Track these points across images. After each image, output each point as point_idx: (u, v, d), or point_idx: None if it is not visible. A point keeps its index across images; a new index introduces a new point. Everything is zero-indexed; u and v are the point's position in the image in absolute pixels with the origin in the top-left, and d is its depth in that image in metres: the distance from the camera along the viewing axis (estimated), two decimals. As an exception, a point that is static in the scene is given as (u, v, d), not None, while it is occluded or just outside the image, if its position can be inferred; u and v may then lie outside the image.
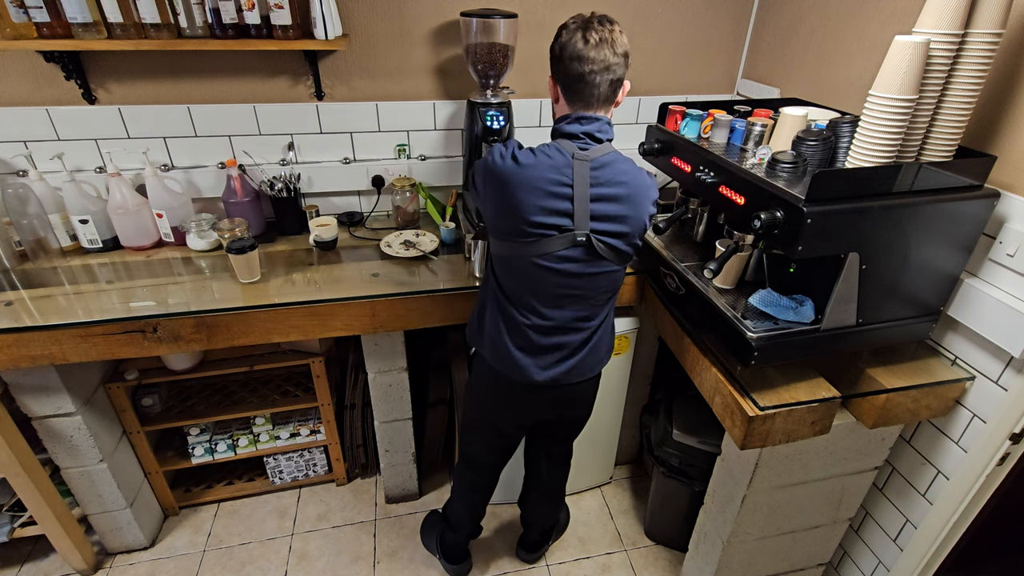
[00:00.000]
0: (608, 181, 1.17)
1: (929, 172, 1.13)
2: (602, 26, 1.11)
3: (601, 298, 1.31)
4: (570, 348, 1.34)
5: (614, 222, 1.19)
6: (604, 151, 1.17)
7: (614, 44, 1.10)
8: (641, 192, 1.20)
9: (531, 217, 1.16)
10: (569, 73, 1.13)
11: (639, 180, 1.20)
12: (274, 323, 1.52)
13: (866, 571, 1.69)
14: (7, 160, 1.73)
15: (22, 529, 1.77)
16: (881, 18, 1.52)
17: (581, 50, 1.11)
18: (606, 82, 1.13)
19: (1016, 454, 1.28)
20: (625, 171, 1.19)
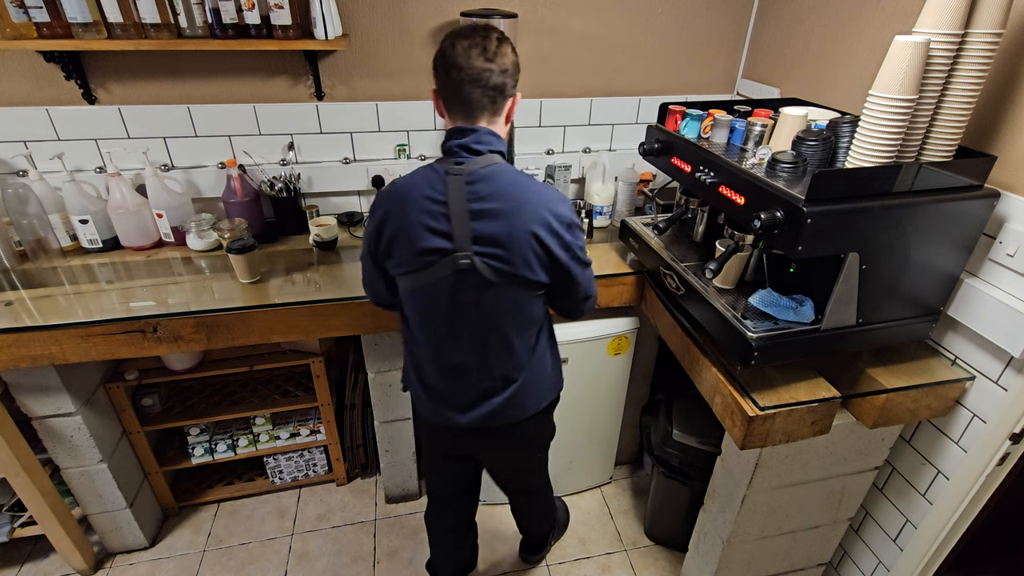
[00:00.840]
0: (487, 195, 1.06)
1: (929, 172, 1.13)
2: (475, 34, 1.04)
3: (517, 331, 1.20)
4: (490, 388, 1.24)
5: (494, 244, 1.07)
6: (484, 163, 1.07)
7: (487, 52, 1.03)
8: (525, 208, 1.06)
9: (415, 239, 1.09)
10: (445, 83, 1.07)
11: (525, 194, 1.07)
12: (274, 323, 1.52)
13: (866, 571, 1.69)
14: (7, 160, 1.73)
15: (22, 529, 1.77)
16: (881, 18, 1.52)
17: (453, 58, 1.04)
18: (480, 91, 1.05)
19: (1016, 454, 1.28)
20: (508, 183, 1.07)
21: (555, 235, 1.09)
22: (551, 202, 1.09)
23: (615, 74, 2.04)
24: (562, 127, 2.08)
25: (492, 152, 1.09)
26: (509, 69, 1.06)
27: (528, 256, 1.09)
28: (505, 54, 1.05)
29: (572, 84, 2.02)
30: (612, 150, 2.16)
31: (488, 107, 1.08)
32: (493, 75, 1.04)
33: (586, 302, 1.26)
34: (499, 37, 1.05)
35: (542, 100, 2.01)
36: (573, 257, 1.14)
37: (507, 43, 1.06)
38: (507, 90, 1.08)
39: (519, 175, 1.10)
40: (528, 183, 1.09)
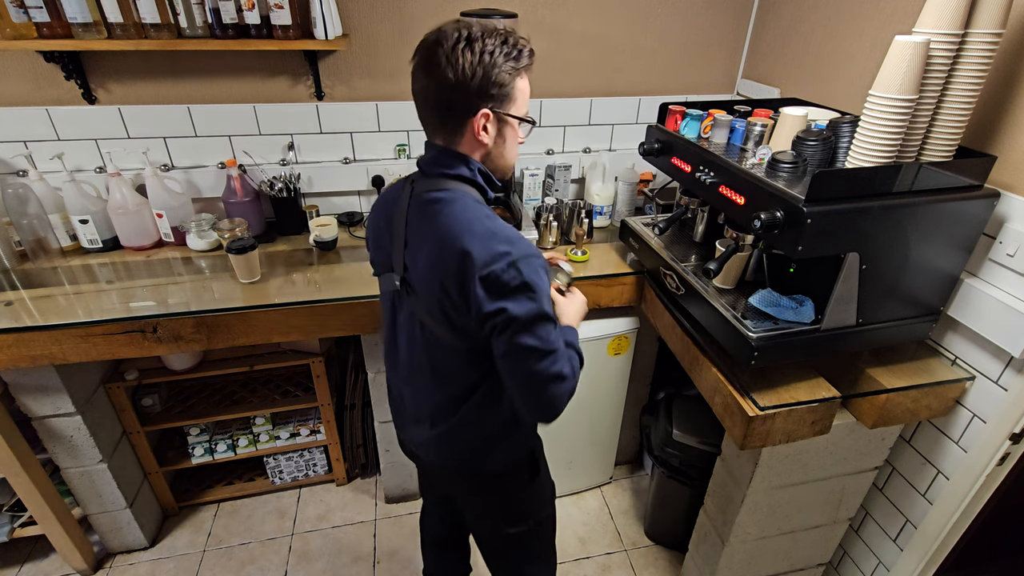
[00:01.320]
0: (416, 227, 0.98)
1: (929, 172, 1.13)
2: (433, 37, 0.90)
3: (439, 376, 1.06)
4: (418, 417, 1.15)
5: (414, 280, 0.99)
6: (428, 188, 0.97)
7: (432, 61, 0.88)
8: (443, 253, 0.91)
9: (374, 245, 1.10)
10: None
11: (450, 237, 0.90)
12: (274, 323, 1.52)
13: (866, 571, 1.69)
14: (7, 160, 1.73)
15: (22, 529, 1.77)
16: (881, 18, 1.52)
17: (414, 67, 0.94)
18: (423, 107, 0.95)
19: (1016, 454, 1.28)
20: (439, 219, 0.93)
21: (469, 295, 0.89)
22: (479, 251, 0.88)
23: (615, 74, 2.04)
24: (562, 127, 2.08)
25: (445, 176, 0.97)
26: (463, 82, 0.88)
27: (435, 310, 0.96)
28: (458, 64, 0.87)
29: (572, 84, 2.02)
30: (612, 150, 2.16)
31: (438, 126, 0.95)
32: (433, 90, 0.90)
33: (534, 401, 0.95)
34: (462, 39, 0.88)
35: (542, 100, 2.01)
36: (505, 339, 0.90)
37: (472, 48, 0.87)
38: (462, 107, 0.91)
39: (459, 211, 0.93)
40: (460, 224, 0.91)
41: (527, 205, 2.02)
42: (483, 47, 0.87)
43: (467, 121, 0.92)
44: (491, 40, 0.88)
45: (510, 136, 0.98)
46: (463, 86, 0.88)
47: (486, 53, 0.88)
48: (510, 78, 0.91)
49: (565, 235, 1.88)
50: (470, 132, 0.93)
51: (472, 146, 0.96)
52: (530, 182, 2.01)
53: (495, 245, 0.89)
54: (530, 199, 2.03)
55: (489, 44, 0.88)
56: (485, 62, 0.88)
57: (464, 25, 0.90)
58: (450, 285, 0.91)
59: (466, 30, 0.88)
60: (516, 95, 0.94)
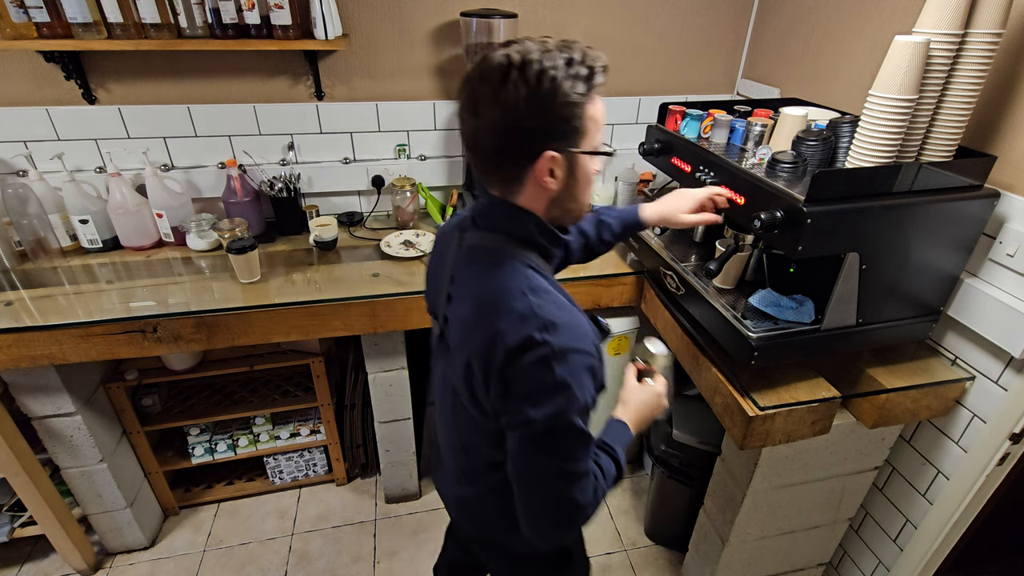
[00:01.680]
0: (458, 287, 0.86)
1: (929, 172, 1.13)
2: (478, 71, 0.73)
3: (466, 444, 0.94)
4: (443, 469, 1.06)
5: (452, 344, 0.87)
6: (479, 241, 0.85)
7: (478, 101, 0.73)
8: (475, 329, 0.79)
9: (427, 280, 1.00)
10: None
11: (484, 315, 0.78)
12: (274, 323, 1.52)
13: (866, 571, 1.69)
14: (7, 160, 1.73)
15: (22, 529, 1.77)
16: (881, 18, 1.52)
17: (459, 107, 0.78)
18: (472, 155, 0.79)
19: (1016, 454, 1.28)
20: (477, 285, 0.81)
21: (490, 380, 0.77)
22: (511, 334, 0.74)
23: (615, 74, 2.04)
24: (562, 127, 2.08)
25: (492, 232, 0.83)
26: (517, 122, 0.72)
27: (461, 381, 0.84)
28: (509, 99, 0.70)
29: (572, 84, 2.01)
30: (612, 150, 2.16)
31: (491, 174, 0.80)
32: (483, 135, 0.75)
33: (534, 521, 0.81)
34: (513, 67, 0.70)
35: (542, 100, 2.00)
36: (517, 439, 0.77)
37: (526, 77, 0.70)
38: (519, 152, 0.75)
39: (500, 279, 0.79)
40: (497, 296, 0.78)
41: (527, 205, 2.02)
42: (540, 73, 0.70)
43: (527, 168, 0.76)
44: (550, 62, 0.70)
45: (583, 174, 0.79)
46: (517, 127, 0.72)
47: (545, 80, 0.70)
48: (579, 107, 0.73)
49: (565, 235, 1.88)
50: (532, 180, 0.77)
51: (535, 195, 0.80)
52: (530, 182, 2.00)
53: (531, 330, 0.73)
54: (530, 199, 2.03)
55: (548, 68, 0.70)
56: (544, 92, 0.70)
57: (516, 49, 0.71)
58: (476, 363, 0.78)
59: (517, 54, 0.70)
60: (588, 125, 0.75)
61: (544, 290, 0.78)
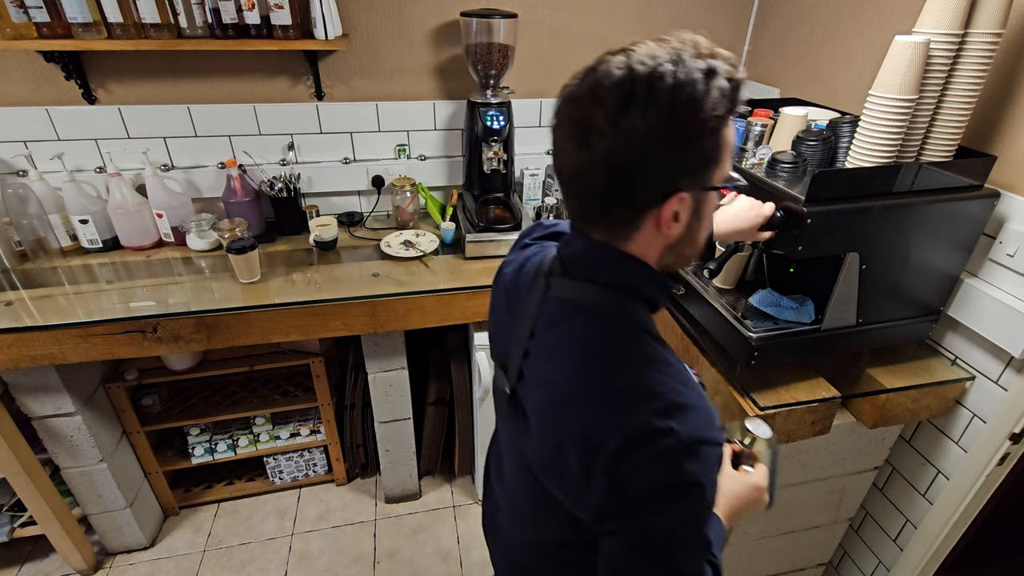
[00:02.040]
0: (547, 343, 0.69)
1: (929, 172, 1.13)
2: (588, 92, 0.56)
3: (533, 521, 0.80)
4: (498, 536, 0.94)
5: (528, 408, 0.71)
6: (571, 292, 0.68)
7: (586, 129, 0.56)
8: (569, 415, 0.63)
9: (491, 326, 0.85)
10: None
11: (585, 393, 0.62)
12: (274, 323, 1.52)
13: (866, 571, 1.69)
14: (7, 160, 1.73)
15: (22, 529, 1.77)
16: (881, 18, 1.52)
17: (553, 135, 0.62)
18: (575, 195, 0.63)
19: (1016, 454, 1.28)
20: (578, 359, 0.64)
21: (591, 477, 0.61)
22: (623, 420, 0.59)
23: (615, 74, 2.04)
24: (562, 127, 2.08)
25: (591, 283, 0.66)
26: (644, 158, 0.55)
27: (545, 464, 0.69)
28: (633, 130, 0.54)
29: (572, 84, 2.01)
30: (612, 150, 2.16)
31: (597, 218, 0.63)
32: (591, 171, 0.57)
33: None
34: (639, 84, 0.53)
35: (542, 100, 2.01)
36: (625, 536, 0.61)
37: (656, 99, 0.53)
38: (642, 195, 0.59)
39: (607, 347, 0.64)
40: (604, 369, 0.63)
41: (527, 205, 2.02)
42: (674, 91, 0.53)
43: (648, 212, 0.60)
44: (686, 74, 0.53)
45: (707, 213, 0.64)
46: (643, 164, 0.55)
47: (681, 101, 0.53)
48: (718, 134, 0.57)
49: (565, 235, 1.88)
50: (651, 224, 0.61)
51: (650, 242, 0.63)
52: (530, 182, 2.01)
53: (651, 415, 0.58)
54: (530, 199, 2.03)
55: (686, 83, 0.53)
56: (680, 118, 0.53)
57: (639, 57, 0.54)
58: (572, 449, 0.62)
59: (642, 65, 0.53)
60: (723, 153, 0.58)
61: (664, 362, 0.63)
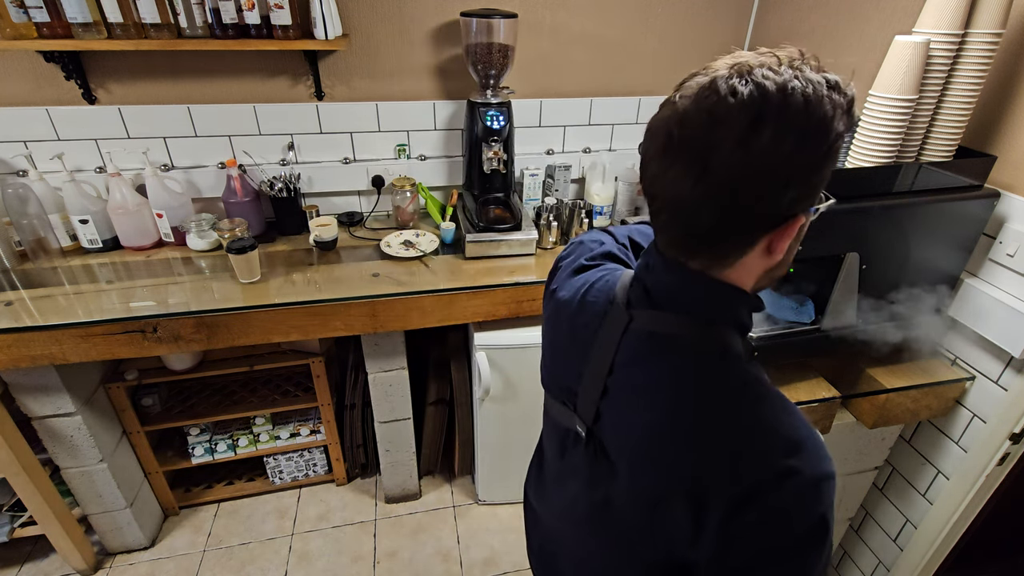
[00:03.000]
0: (636, 380, 0.63)
1: (929, 172, 1.13)
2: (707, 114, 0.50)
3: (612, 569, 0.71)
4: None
5: (612, 452, 0.65)
6: (657, 325, 0.61)
7: (707, 153, 0.50)
8: (676, 458, 0.57)
9: (549, 360, 0.78)
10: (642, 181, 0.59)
11: (697, 434, 0.57)
12: (274, 323, 1.52)
13: (866, 571, 1.69)
14: (7, 160, 1.73)
15: (22, 529, 1.77)
16: (881, 18, 1.52)
17: (647, 144, 0.56)
18: (692, 223, 0.55)
19: (1016, 454, 1.28)
20: (684, 399, 0.58)
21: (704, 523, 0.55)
22: (744, 459, 0.54)
23: (615, 74, 2.04)
24: (562, 127, 2.08)
25: (683, 315, 0.60)
26: (771, 186, 0.50)
27: (641, 515, 0.62)
28: (766, 154, 0.48)
29: (572, 84, 2.02)
30: (612, 150, 2.16)
31: (700, 249, 0.57)
32: (709, 199, 0.51)
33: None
34: (765, 111, 0.48)
35: (542, 100, 2.01)
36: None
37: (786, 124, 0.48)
38: (759, 223, 0.54)
39: (716, 384, 0.58)
40: (716, 407, 0.57)
41: (527, 205, 2.02)
42: (807, 109, 0.48)
43: (762, 238, 0.55)
44: (814, 90, 0.49)
45: (802, 234, 0.60)
46: (779, 191, 0.50)
47: (818, 120, 0.49)
48: (838, 154, 0.53)
49: (565, 235, 1.88)
50: (760, 250, 0.56)
51: (754, 267, 0.59)
52: (530, 182, 2.01)
53: (774, 456, 0.53)
54: (530, 199, 2.03)
55: (814, 101, 0.48)
56: (817, 139, 0.49)
57: (759, 73, 0.49)
58: (676, 500, 0.56)
59: (770, 81, 0.48)
60: (828, 175, 0.54)
61: (773, 395, 0.58)
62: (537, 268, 1.72)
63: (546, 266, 1.74)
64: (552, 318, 0.76)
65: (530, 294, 1.67)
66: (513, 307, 1.68)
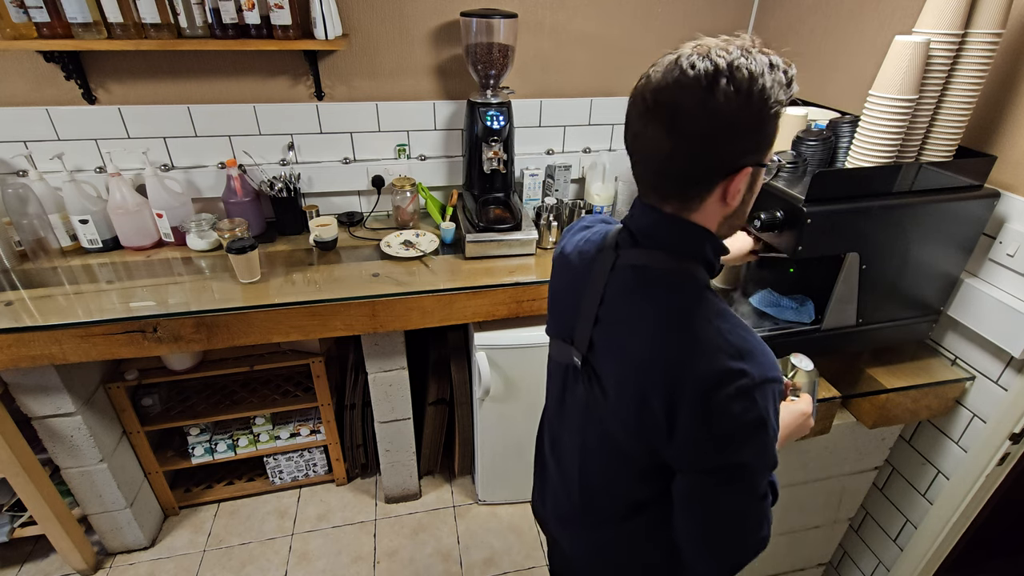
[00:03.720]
0: (621, 307, 0.76)
1: (929, 172, 1.13)
2: (674, 81, 0.63)
3: (602, 481, 0.88)
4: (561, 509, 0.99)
5: (602, 374, 0.79)
6: (648, 262, 0.75)
7: (681, 113, 0.63)
8: (652, 368, 0.70)
9: (552, 306, 0.92)
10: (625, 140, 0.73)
11: (667, 347, 0.70)
12: (274, 323, 1.52)
13: (866, 571, 1.69)
14: (7, 160, 1.73)
15: (22, 529, 1.77)
16: (881, 18, 1.52)
17: (629, 110, 0.71)
18: (664, 171, 0.69)
19: (1016, 454, 1.28)
20: (658, 318, 0.71)
21: (676, 420, 0.69)
22: (704, 366, 0.67)
23: (615, 74, 2.04)
24: (562, 127, 2.08)
25: (670, 253, 0.73)
26: (730, 137, 0.64)
27: (627, 419, 0.75)
28: (724, 112, 0.62)
29: (572, 84, 2.02)
30: (612, 150, 2.16)
31: (671, 193, 0.71)
32: (681, 151, 0.65)
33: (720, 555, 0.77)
34: (722, 75, 0.61)
35: (542, 100, 2.01)
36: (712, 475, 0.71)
37: (739, 85, 0.61)
38: (718, 169, 0.67)
39: (683, 306, 0.71)
40: (682, 324, 0.70)
41: (527, 205, 2.02)
42: (751, 79, 0.61)
43: (717, 185, 0.68)
44: (756, 66, 0.62)
45: (758, 186, 0.73)
46: (725, 141, 0.64)
47: (756, 87, 0.62)
48: (778, 118, 0.66)
49: (565, 235, 1.88)
50: (718, 196, 0.69)
51: (714, 212, 0.71)
52: (530, 182, 2.01)
53: (727, 360, 0.66)
54: (530, 199, 2.03)
55: (757, 74, 0.62)
56: (756, 101, 0.62)
57: (715, 52, 0.63)
58: (654, 400, 0.70)
59: (720, 58, 0.62)
60: (776, 135, 0.69)
61: (728, 314, 0.72)
62: (537, 268, 1.72)
63: (546, 266, 1.74)
64: (557, 270, 0.91)
65: (530, 294, 1.67)
66: (513, 307, 1.68)
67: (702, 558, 0.77)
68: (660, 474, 0.78)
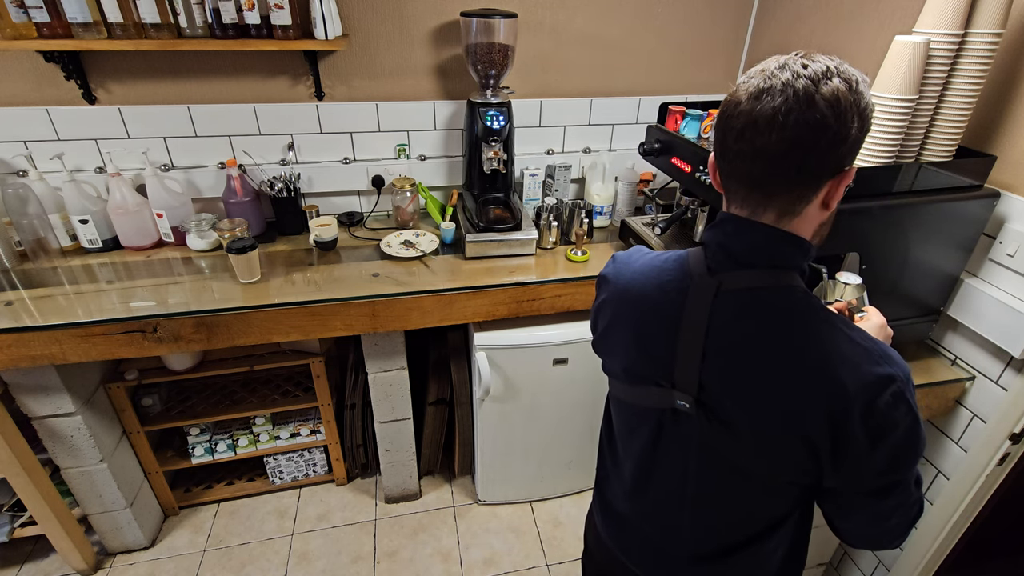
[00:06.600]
0: (729, 340, 0.71)
1: (929, 172, 1.13)
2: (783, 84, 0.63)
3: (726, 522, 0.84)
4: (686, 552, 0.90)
5: (730, 407, 0.73)
6: (749, 281, 0.71)
7: (808, 108, 0.62)
8: (806, 395, 0.67)
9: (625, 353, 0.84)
10: (721, 147, 0.70)
11: (816, 369, 0.66)
12: (274, 323, 1.52)
13: (866, 571, 1.69)
14: (7, 160, 1.73)
15: (22, 529, 1.77)
16: (881, 18, 1.52)
17: (730, 109, 0.67)
18: (772, 170, 0.65)
19: (1016, 454, 1.28)
20: (795, 342, 0.68)
21: (843, 441, 0.67)
22: (854, 378, 0.65)
23: (615, 74, 2.04)
24: (562, 127, 2.08)
25: (777, 269, 0.70)
26: (845, 135, 0.63)
27: (778, 455, 0.72)
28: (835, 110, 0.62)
29: (572, 84, 2.02)
30: (612, 150, 2.16)
31: (773, 196, 0.67)
32: (793, 149, 0.63)
33: (891, 541, 0.78)
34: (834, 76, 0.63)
35: (542, 100, 2.01)
36: (889, 491, 0.71)
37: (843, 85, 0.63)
38: (821, 168, 0.65)
39: (813, 323, 0.69)
40: (822, 342, 0.67)
41: (527, 205, 2.02)
42: (859, 83, 0.64)
43: (822, 187, 0.66)
44: (851, 72, 0.65)
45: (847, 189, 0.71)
46: (842, 140, 0.63)
47: (863, 90, 0.64)
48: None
49: (565, 235, 1.88)
50: (817, 203, 0.68)
51: (810, 221, 0.70)
52: (530, 182, 2.01)
53: (872, 367, 0.65)
54: (530, 199, 2.03)
55: (859, 80, 0.65)
56: (864, 102, 0.64)
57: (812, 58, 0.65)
58: (811, 427, 0.67)
59: (821, 64, 0.64)
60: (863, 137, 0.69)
61: (845, 320, 0.70)
62: (537, 268, 1.73)
63: (546, 266, 1.74)
64: (618, 307, 0.83)
65: (530, 294, 1.67)
66: (513, 307, 1.68)
67: (870, 547, 0.80)
68: (794, 487, 0.77)
